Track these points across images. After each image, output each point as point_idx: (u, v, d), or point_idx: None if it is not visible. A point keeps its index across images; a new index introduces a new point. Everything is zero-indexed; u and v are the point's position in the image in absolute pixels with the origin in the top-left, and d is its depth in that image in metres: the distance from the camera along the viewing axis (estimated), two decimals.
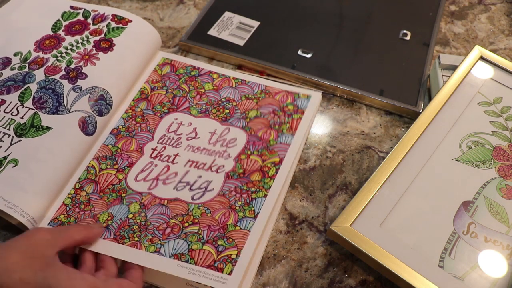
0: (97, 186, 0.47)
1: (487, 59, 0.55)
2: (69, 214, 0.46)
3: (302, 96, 0.54)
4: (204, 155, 0.50)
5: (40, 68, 0.52)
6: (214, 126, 0.52)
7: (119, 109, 0.53)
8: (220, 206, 0.45)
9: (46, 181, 0.45)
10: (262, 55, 0.60)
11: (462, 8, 0.71)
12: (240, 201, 0.46)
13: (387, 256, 0.40)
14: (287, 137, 0.51)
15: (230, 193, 0.46)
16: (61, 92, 0.51)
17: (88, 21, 0.58)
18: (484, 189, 0.46)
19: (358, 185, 0.50)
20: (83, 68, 0.53)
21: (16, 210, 0.43)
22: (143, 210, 0.45)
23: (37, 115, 0.49)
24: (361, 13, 0.67)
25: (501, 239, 0.43)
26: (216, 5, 0.67)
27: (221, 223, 0.44)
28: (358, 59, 0.61)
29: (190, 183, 0.47)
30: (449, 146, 0.49)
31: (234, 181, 0.47)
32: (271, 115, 0.53)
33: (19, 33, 0.56)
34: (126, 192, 0.47)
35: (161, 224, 0.44)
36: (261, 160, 0.49)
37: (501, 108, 0.52)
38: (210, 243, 0.43)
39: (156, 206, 0.46)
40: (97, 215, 0.45)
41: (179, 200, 0.46)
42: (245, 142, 0.50)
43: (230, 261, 0.41)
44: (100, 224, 0.44)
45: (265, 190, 0.46)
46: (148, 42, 0.57)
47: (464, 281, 0.40)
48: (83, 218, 0.45)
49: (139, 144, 0.51)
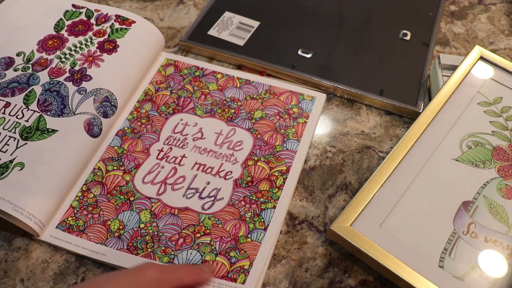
0: (104, 187, 0.48)
1: (487, 59, 0.55)
2: (77, 216, 0.46)
3: (306, 98, 0.55)
4: (211, 157, 0.50)
5: (44, 70, 0.52)
6: (220, 126, 0.52)
7: (124, 110, 0.54)
8: (230, 217, 0.46)
9: (52, 184, 0.45)
10: (262, 55, 0.60)
11: (462, 8, 0.71)
12: (250, 211, 0.46)
13: (387, 256, 0.41)
14: (293, 144, 0.51)
15: (239, 203, 0.47)
16: (66, 94, 0.51)
17: (91, 21, 0.58)
18: (484, 189, 0.46)
19: (358, 185, 0.50)
20: (88, 69, 0.53)
21: (23, 213, 0.43)
22: (155, 220, 0.45)
23: (42, 118, 0.49)
24: (361, 13, 0.67)
25: (501, 239, 0.43)
26: (216, 5, 0.67)
27: (232, 234, 0.45)
28: (358, 59, 0.61)
29: (199, 190, 0.47)
30: (449, 146, 0.49)
31: (243, 190, 0.48)
32: (277, 118, 0.53)
33: (20, 31, 0.56)
34: (134, 196, 0.47)
35: (173, 235, 0.45)
36: (268, 168, 0.49)
37: (501, 108, 0.52)
38: (222, 255, 0.43)
39: (167, 216, 0.46)
40: (107, 222, 0.45)
41: (190, 210, 0.46)
42: (251, 146, 0.51)
43: (243, 272, 0.42)
44: (211, 265, 0.43)
45: (274, 201, 0.47)
46: (151, 43, 0.57)
47: (464, 281, 0.40)
48: (92, 222, 0.45)
49: (145, 145, 0.51)
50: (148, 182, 0.48)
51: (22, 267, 0.44)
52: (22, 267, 0.44)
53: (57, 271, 0.43)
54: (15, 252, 0.44)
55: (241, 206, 0.46)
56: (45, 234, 0.45)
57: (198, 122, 0.53)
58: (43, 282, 0.43)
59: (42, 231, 0.44)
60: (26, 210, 0.43)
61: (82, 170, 0.49)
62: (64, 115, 0.49)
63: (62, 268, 0.44)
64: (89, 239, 0.44)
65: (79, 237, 0.44)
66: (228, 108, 0.54)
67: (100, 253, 0.43)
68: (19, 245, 0.45)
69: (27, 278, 0.43)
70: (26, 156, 0.46)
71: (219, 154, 0.50)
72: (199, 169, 0.49)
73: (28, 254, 0.44)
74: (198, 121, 0.53)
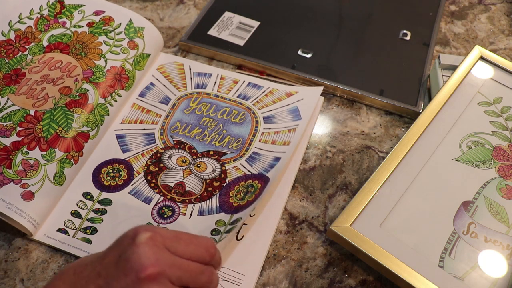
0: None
1: (487, 59, 0.55)
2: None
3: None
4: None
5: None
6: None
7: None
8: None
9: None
10: (262, 55, 0.60)
11: (462, 8, 0.71)
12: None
13: (387, 256, 0.40)
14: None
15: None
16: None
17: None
18: (484, 189, 0.46)
19: (358, 185, 0.50)
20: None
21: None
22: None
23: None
24: (361, 13, 0.67)
25: (501, 239, 0.43)
26: (216, 5, 0.67)
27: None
28: (358, 59, 0.61)
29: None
30: (449, 146, 0.49)
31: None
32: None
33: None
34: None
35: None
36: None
37: (501, 108, 0.52)
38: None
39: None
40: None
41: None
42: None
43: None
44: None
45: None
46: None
47: (464, 281, 0.40)
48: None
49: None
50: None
51: (22, 267, 0.44)
52: (22, 267, 0.44)
53: (57, 271, 0.43)
54: (15, 252, 0.44)
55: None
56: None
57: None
58: (43, 282, 0.43)
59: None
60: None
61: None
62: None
63: (62, 268, 0.44)
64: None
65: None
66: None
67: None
68: (19, 245, 0.45)
69: (27, 278, 0.43)
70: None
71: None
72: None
73: (28, 254, 0.44)
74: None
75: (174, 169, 0.49)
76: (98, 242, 0.44)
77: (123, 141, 0.51)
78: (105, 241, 0.44)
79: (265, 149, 0.50)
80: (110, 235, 0.44)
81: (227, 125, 0.53)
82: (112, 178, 0.48)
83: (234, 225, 0.44)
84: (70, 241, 0.44)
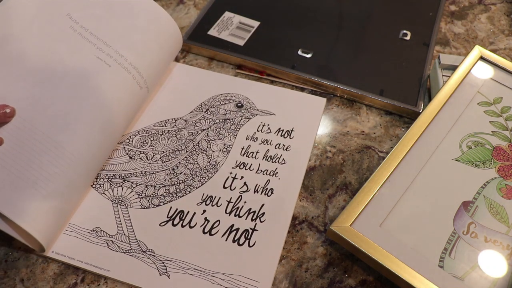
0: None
1: (487, 59, 0.55)
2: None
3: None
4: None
5: None
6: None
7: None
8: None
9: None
10: (262, 55, 0.60)
11: (462, 8, 0.71)
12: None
13: (387, 256, 0.41)
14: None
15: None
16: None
17: None
18: (484, 189, 0.46)
19: (358, 185, 0.50)
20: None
21: None
22: None
23: None
24: (361, 13, 0.67)
25: (501, 239, 0.43)
26: (216, 5, 0.67)
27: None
28: (358, 59, 0.61)
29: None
30: (449, 146, 0.49)
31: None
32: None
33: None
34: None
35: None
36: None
37: (501, 108, 0.52)
38: None
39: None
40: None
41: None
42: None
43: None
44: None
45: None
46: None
47: (464, 281, 0.40)
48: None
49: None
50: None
51: (22, 267, 0.44)
52: (22, 267, 0.44)
53: (57, 271, 0.43)
54: (15, 252, 0.44)
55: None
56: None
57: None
58: (43, 282, 0.43)
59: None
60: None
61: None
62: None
63: (62, 268, 0.44)
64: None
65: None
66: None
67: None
68: (19, 245, 0.45)
69: (27, 278, 0.43)
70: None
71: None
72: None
73: (28, 254, 0.44)
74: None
75: None
76: None
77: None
78: None
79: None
80: None
81: None
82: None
83: None
84: None
